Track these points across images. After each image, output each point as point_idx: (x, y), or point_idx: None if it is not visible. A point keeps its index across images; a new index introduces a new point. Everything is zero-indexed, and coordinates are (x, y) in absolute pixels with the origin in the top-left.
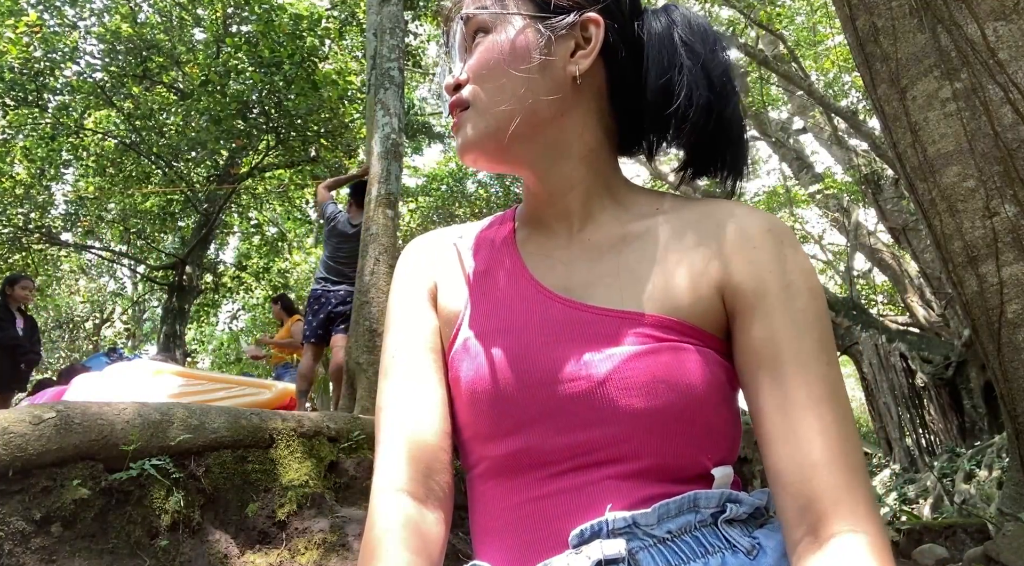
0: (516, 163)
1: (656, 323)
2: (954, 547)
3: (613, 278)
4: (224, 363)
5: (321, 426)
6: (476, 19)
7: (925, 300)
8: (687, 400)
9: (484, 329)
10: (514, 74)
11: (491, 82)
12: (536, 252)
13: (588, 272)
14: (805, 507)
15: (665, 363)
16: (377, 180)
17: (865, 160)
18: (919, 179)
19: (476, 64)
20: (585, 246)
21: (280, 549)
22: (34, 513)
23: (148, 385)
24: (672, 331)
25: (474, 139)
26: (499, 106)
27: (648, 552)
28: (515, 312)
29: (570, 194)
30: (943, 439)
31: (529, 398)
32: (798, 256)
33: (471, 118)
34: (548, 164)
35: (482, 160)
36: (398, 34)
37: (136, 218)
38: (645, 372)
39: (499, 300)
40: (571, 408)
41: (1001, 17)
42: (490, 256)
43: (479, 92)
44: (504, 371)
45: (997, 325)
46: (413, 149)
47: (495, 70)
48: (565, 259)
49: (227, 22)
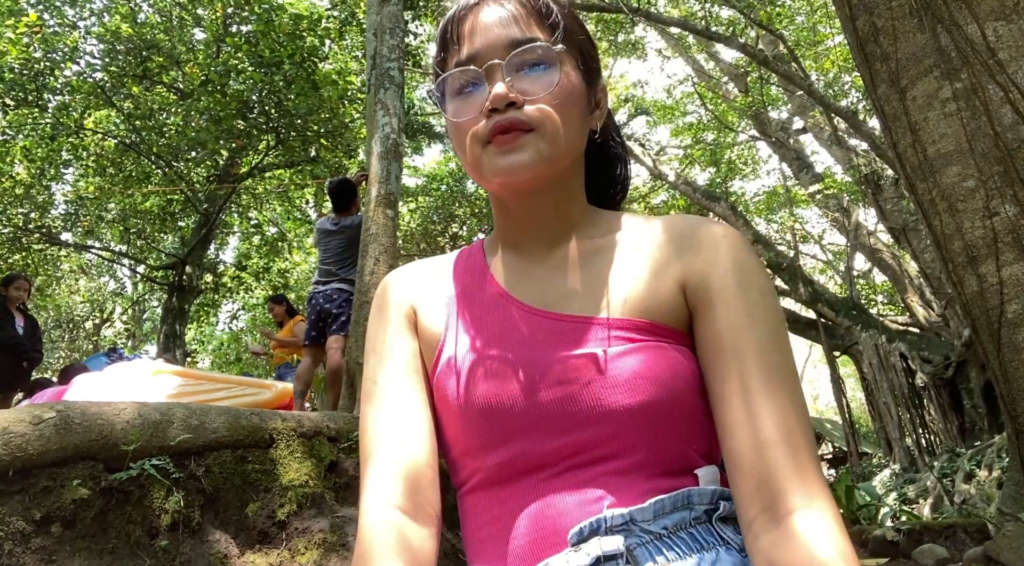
0: (547, 193)
1: (630, 326)
2: (954, 547)
3: (586, 288)
4: (224, 363)
5: (321, 426)
6: (542, 50)
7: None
8: (668, 393)
9: (467, 347)
10: (575, 115)
11: (562, 116)
12: (511, 273)
13: (562, 285)
14: (760, 484)
15: (644, 361)
16: (377, 180)
17: (865, 160)
18: (919, 179)
19: (553, 91)
20: (557, 263)
21: (280, 549)
22: (34, 513)
23: (148, 385)
24: (645, 332)
25: (537, 162)
26: (563, 139)
27: (645, 548)
28: (496, 328)
29: (556, 223)
30: (943, 439)
31: (518, 406)
32: (751, 258)
33: (535, 142)
34: (560, 198)
35: (532, 182)
36: (398, 34)
37: (136, 218)
38: (627, 370)
39: (479, 319)
40: (560, 411)
41: (1001, 17)
42: (466, 279)
43: (552, 116)
44: (491, 383)
45: (997, 325)
46: (413, 149)
47: (567, 107)
48: (540, 276)
49: (227, 22)
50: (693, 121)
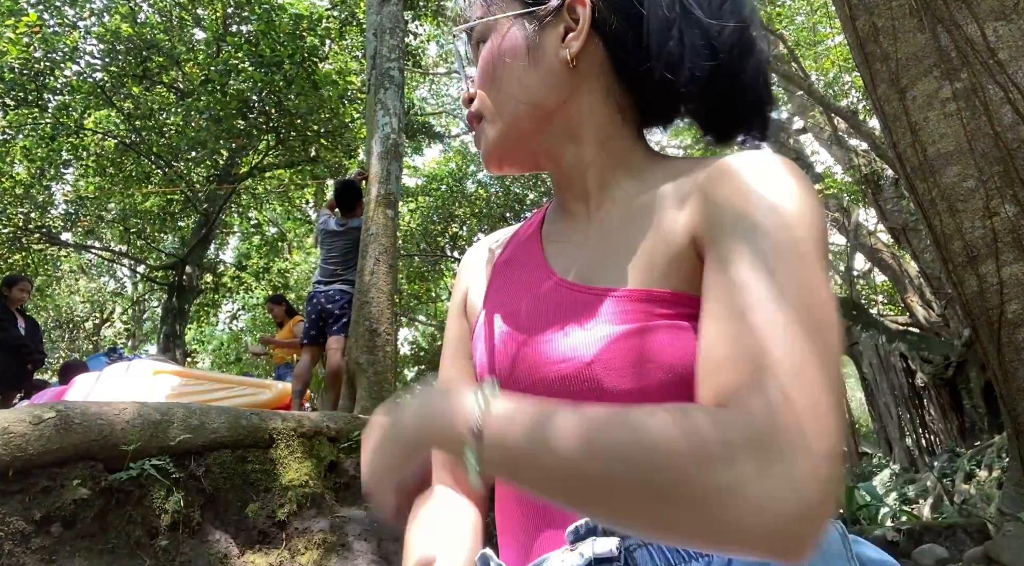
0: (535, 159)
1: (645, 297)
2: (954, 547)
3: (612, 256)
4: (224, 363)
5: (321, 426)
6: (475, 32)
7: (925, 300)
8: (673, 377)
9: (490, 315)
10: (510, 75)
11: (492, 88)
12: (557, 238)
13: (591, 254)
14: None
15: (650, 342)
16: (377, 180)
17: (865, 160)
18: (919, 179)
19: (478, 75)
20: (600, 226)
21: (280, 549)
22: (34, 513)
23: (148, 385)
24: (666, 304)
25: (492, 147)
26: (505, 109)
27: (645, 550)
28: (515, 297)
29: (587, 174)
30: (943, 439)
31: (521, 381)
32: (773, 184)
33: (485, 128)
34: (562, 151)
35: (505, 164)
36: (398, 34)
37: (136, 218)
38: (631, 352)
39: (509, 286)
40: (560, 390)
41: (1001, 17)
42: (515, 247)
43: (486, 100)
44: (500, 355)
45: (997, 325)
46: (413, 149)
47: (492, 75)
48: (580, 241)
49: (227, 22)
50: None
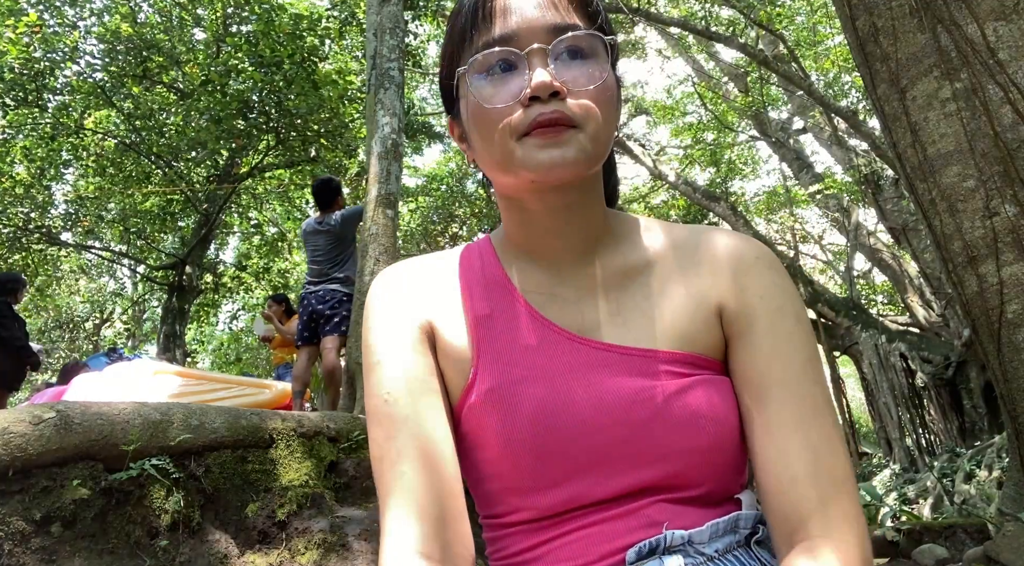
0: (574, 193)
1: (676, 359)
2: (954, 547)
3: (624, 315)
4: (224, 363)
5: (321, 426)
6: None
7: (925, 300)
8: (724, 430)
9: (509, 378)
10: (614, 114)
11: (606, 114)
12: (537, 291)
13: (598, 311)
14: (784, 520)
15: (701, 399)
16: (377, 180)
17: (865, 160)
18: (919, 179)
19: (596, 88)
20: (587, 282)
21: (280, 549)
22: (34, 513)
23: (148, 385)
24: (690, 365)
25: (580, 161)
26: (604, 138)
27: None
28: (539, 358)
29: (580, 230)
30: (943, 439)
31: (574, 448)
32: (785, 282)
33: (579, 140)
34: (586, 201)
35: (572, 179)
36: (398, 34)
37: (136, 218)
38: (685, 409)
39: (517, 345)
40: (618, 453)
41: (1001, 17)
42: (488, 296)
43: (596, 119)
44: (543, 422)
45: (997, 325)
46: (413, 149)
47: (610, 104)
48: (571, 298)
49: (227, 22)
50: (693, 121)
